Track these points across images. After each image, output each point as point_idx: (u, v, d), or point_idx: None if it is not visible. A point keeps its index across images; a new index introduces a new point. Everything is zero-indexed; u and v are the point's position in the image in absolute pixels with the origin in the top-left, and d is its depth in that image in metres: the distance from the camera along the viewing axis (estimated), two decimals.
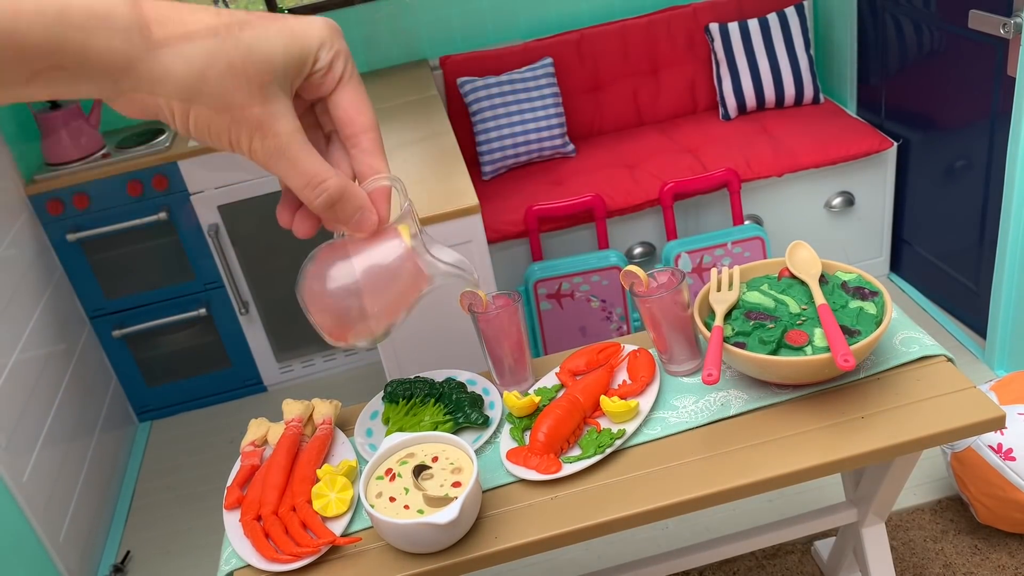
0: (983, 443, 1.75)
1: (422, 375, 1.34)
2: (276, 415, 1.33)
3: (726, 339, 1.17)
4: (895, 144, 2.54)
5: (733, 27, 2.74)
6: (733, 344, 1.16)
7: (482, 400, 1.28)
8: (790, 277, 1.27)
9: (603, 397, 1.20)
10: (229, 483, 1.21)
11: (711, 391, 1.22)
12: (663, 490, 1.09)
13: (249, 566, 1.10)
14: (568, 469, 1.13)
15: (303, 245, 2.74)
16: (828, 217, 2.64)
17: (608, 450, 1.14)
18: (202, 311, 2.65)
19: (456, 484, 1.07)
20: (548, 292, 2.41)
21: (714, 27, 2.76)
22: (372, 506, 1.06)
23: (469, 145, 2.73)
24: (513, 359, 1.29)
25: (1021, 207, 2.04)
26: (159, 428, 2.79)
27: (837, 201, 2.60)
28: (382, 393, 1.34)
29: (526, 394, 1.25)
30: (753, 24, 2.74)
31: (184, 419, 2.81)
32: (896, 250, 2.75)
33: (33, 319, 2.26)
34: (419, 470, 1.10)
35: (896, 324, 1.27)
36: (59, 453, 2.21)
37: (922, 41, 2.39)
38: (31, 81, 0.42)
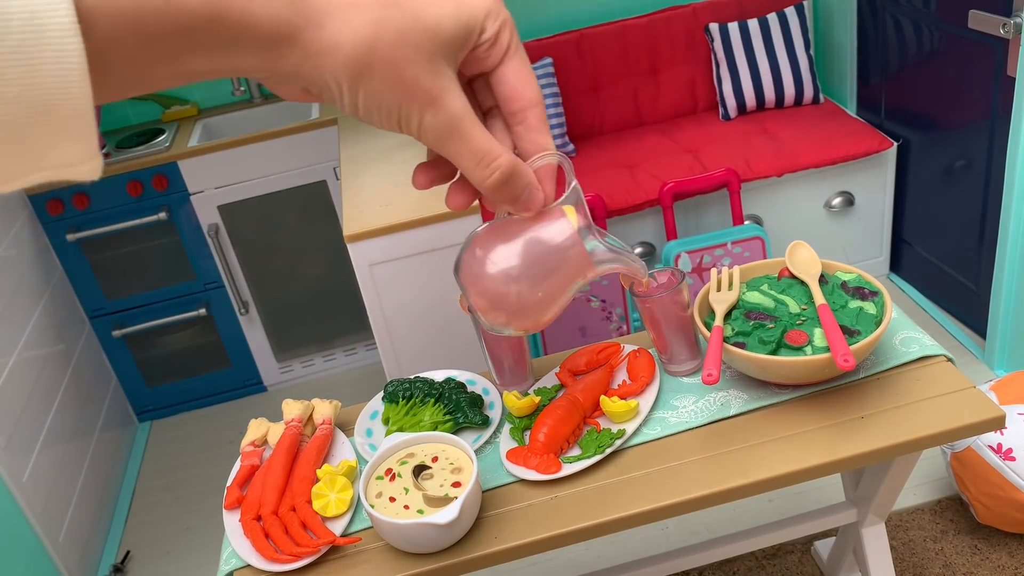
0: (983, 443, 1.75)
1: (422, 375, 1.34)
2: (276, 415, 1.33)
3: (726, 339, 1.17)
4: (895, 144, 2.54)
5: (733, 27, 2.74)
6: (733, 344, 1.16)
7: (482, 400, 1.28)
8: (790, 277, 1.27)
9: (603, 397, 1.20)
10: (229, 483, 1.21)
11: (711, 391, 1.22)
12: (663, 490, 1.09)
13: (249, 566, 1.10)
14: (568, 469, 1.13)
15: (303, 245, 2.73)
16: (828, 217, 2.64)
17: (608, 450, 1.14)
18: (202, 311, 2.65)
19: (456, 484, 1.07)
20: None
21: (714, 27, 2.76)
22: (372, 506, 1.06)
23: None
24: (513, 359, 1.29)
25: (1021, 207, 2.04)
26: (159, 428, 2.79)
27: (837, 201, 2.60)
28: (382, 393, 1.34)
29: (526, 394, 1.25)
30: (753, 24, 2.74)
31: (184, 419, 2.81)
32: (896, 250, 2.75)
33: (33, 319, 2.26)
34: (419, 470, 1.10)
35: (896, 324, 1.27)
36: (59, 453, 2.21)
37: (922, 41, 2.39)
38: (191, 53, 0.38)
